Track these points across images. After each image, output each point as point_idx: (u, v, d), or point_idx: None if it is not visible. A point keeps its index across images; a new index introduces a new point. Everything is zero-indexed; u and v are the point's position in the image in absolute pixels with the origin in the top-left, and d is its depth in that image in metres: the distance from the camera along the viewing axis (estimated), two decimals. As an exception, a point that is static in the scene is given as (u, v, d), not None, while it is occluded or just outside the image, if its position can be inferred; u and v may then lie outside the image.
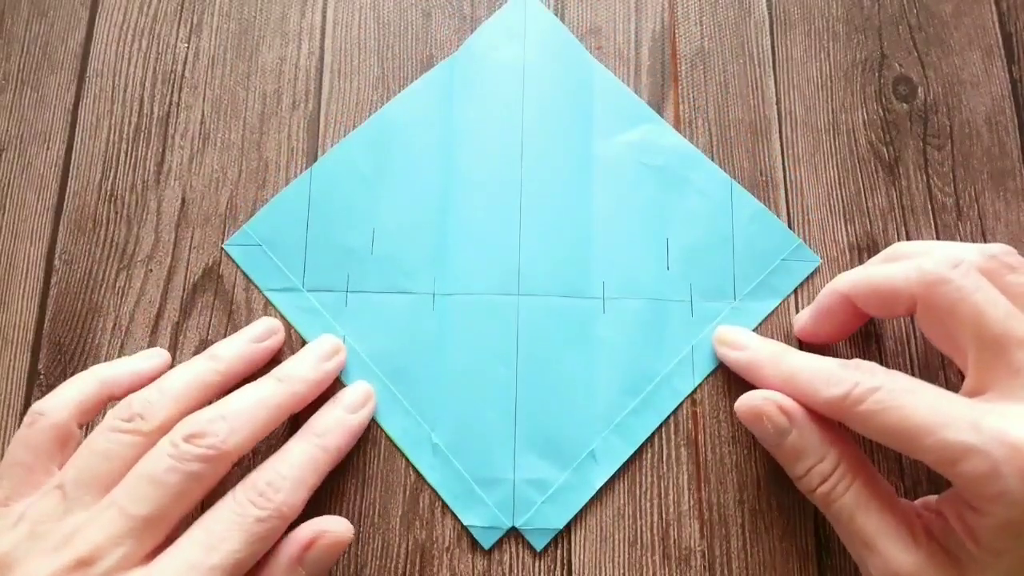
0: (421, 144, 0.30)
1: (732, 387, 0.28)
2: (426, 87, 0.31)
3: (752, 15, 0.32)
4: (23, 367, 0.28)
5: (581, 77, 0.31)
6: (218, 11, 0.32)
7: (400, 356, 0.28)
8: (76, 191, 0.30)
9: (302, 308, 0.28)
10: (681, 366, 0.28)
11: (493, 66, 0.31)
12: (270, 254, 0.29)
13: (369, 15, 0.32)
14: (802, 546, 0.26)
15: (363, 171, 0.30)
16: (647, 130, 0.30)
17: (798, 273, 0.29)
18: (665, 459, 0.27)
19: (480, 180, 0.29)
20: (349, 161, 0.30)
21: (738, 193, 0.30)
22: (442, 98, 0.30)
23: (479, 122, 0.30)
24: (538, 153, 0.30)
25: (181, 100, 0.31)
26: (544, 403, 0.27)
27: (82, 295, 0.29)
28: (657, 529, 0.27)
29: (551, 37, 0.31)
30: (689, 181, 0.30)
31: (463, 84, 0.30)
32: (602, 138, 0.30)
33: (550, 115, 0.30)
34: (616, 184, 0.30)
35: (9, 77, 0.31)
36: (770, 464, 0.27)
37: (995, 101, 0.31)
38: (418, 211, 0.29)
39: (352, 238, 0.29)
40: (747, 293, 0.29)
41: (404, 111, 0.30)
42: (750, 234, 0.29)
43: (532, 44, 0.31)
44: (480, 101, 0.30)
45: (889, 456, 0.27)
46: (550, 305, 0.28)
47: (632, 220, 0.29)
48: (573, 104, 0.30)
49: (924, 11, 0.32)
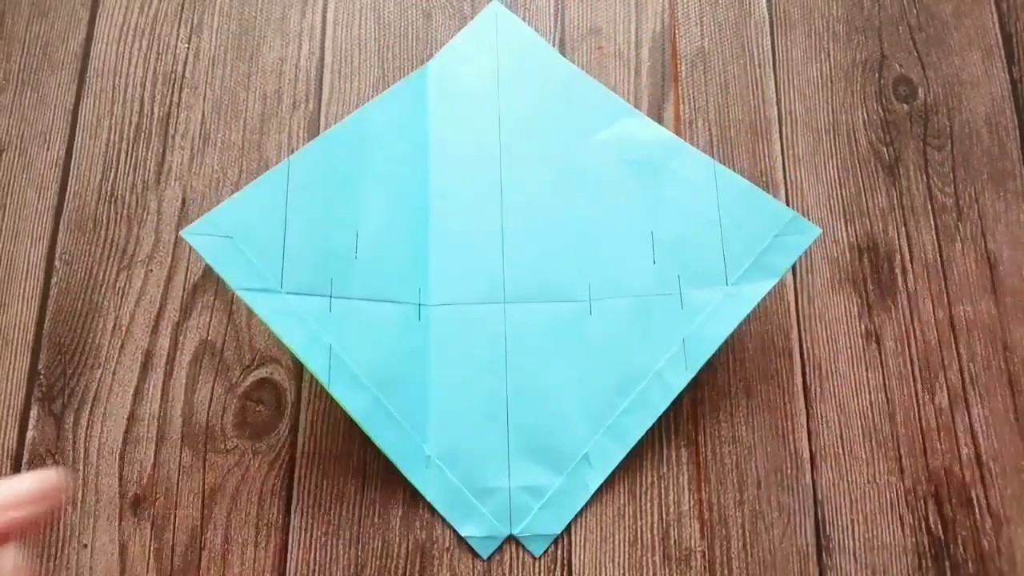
0: (398, 152, 0.30)
1: (732, 387, 0.28)
2: (400, 97, 0.30)
3: (752, 15, 0.32)
4: (23, 367, 0.28)
5: (555, 80, 0.31)
6: (218, 11, 0.32)
7: (388, 367, 0.27)
8: (76, 191, 0.30)
9: (282, 312, 0.26)
10: (673, 361, 0.27)
11: (467, 77, 0.31)
12: (242, 248, 0.26)
13: (369, 15, 0.32)
14: (802, 546, 0.26)
15: (345, 170, 0.28)
16: (624, 125, 0.30)
17: (796, 247, 0.27)
18: (665, 459, 0.27)
19: (459, 188, 0.29)
20: (329, 158, 0.28)
21: (722, 174, 0.28)
22: (417, 108, 0.30)
23: (456, 132, 0.30)
24: (517, 159, 0.30)
25: (181, 100, 0.31)
26: (535, 409, 0.27)
27: (82, 295, 0.29)
28: (657, 529, 0.27)
29: (523, 44, 0.31)
30: (670, 171, 0.29)
31: (438, 96, 0.30)
32: (580, 139, 0.30)
33: (527, 121, 0.30)
34: (597, 184, 0.29)
35: (9, 77, 0.31)
36: (770, 464, 0.27)
37: (995, 101, 0.31)
38: (400, 218, 0.29)
39: (335, 239, 0.27)
40: (740, 276, 0.27)
41: (380, 117, 0.30)
42: (738, 214, 0.28)
43: (505, 53, 0.31)
44: (456, 111, 0.30)
45: (889, 456, 0.27)
46: (536, 311, 0.28)
47: (615, 218, 0.29)
48: (549, 108, 0.30)
49: (924, 11, 0.32)
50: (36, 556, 0.26)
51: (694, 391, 0.28)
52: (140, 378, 0.28)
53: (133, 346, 0.28)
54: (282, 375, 0.28)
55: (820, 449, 0.27)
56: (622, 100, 0.31)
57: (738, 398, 0.28)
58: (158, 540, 0.26)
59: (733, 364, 0.28)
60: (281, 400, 0.28)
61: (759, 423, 0.28)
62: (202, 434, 0.27)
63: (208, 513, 0.27)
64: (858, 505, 0.27)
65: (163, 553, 0.26)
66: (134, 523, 0.27)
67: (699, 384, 0.28)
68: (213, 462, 0.27)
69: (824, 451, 0.27)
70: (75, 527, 0.27)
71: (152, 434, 0.27)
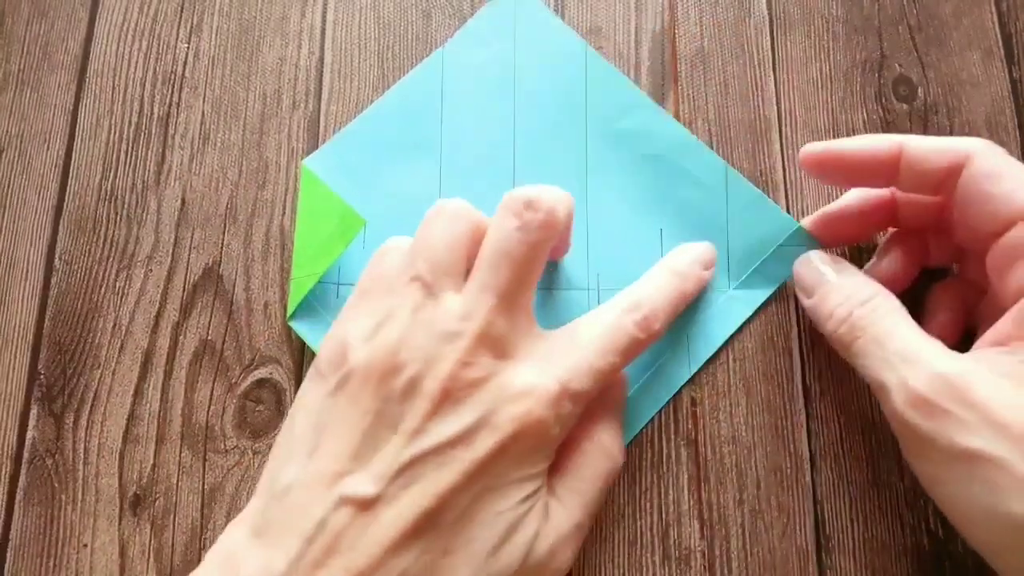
0: (412, 140, 0.30)
1: (732, 387, 0.28)
2: (414, 83, 0.31)
3: (752, 15, 0.32)
4: (23, 367, 0.28)
5: (573, 66, 0.31)
6: (218, 11, 0.32)
7: None
8: (76, 191, 0.30)
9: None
10: (677, 355, 0.28)
11: (483, 61, 0.31)
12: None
13: (369, 15, 0.32)
14: (802, 546, 0.26)
15: (358, 164, 0.30)
16: (642, 118, 0.30)
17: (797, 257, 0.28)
18: (665, 459, 0.27)
19: (473, 175, 0.29)
20: (344, 156, 0.30)
21: (733, 179, 0.29)
22: (432, 94, 0.30)
23: (471, 118, 0.30)
24: (532, 146, 0.30)
25: (181, 100, 0.31)
26: None
27: (82, 295, 0.29)
28: (657, 529, 0.27)
29: (542, 28, 0.31)
30: (684, 170, 0.29)
31: (453, 80, 0.30)
32: (596, 128, 0.30)
33: (543, 108, 0.30)
34: (611, 175, 0.29)
35: (9, 77, 0.31)
36: (770, 464, 0.27)
37: (995, 102, 0.31)
38: (410, 207, 0.29)
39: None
40: (742, 281, 0.28)
41: (394, 108, 0.30)
42: (745, 221, 0.29)
43: (522, 36, 0.31)
44: (471, 96, 0.30)
45: (887, 454, 0.27)
46: (544, 298, 0.28)
47: (626, 211, 0.29)
48: (566, 95, 0.30)
49: (924, 11, 0.32)
50: (35, 556, 0.26)
51: (694, 391, 0.28)
52: (140, 378, 0.28)
53: (133, 346, 0.28)
54: (282, 375, 0.28)
55: (820, 449, 0.27)
56: (641, 92, 0.31)
57: (738, 398, 0.28)
58: (158, 540, 0.27)
59: (733, 364, 0.28)
60: (281, 400, 0.28)
61: (759, 423, 0.28)
62: (202, 434, 0.27)
63: (208, 513, 0.27)
64: (858, 505, 0.27)
65: (163, 553, 0.26)
66: (134, 523, 0.27)
67: (699, 384, 0.28)
68: (213, 462, 0.27)
69: (824, 451, 0.27)
70: (75, 527, 0.27)
71: (152, 434, 0.27)
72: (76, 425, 0.28)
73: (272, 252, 0.29)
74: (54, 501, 0.27)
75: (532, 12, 0.31)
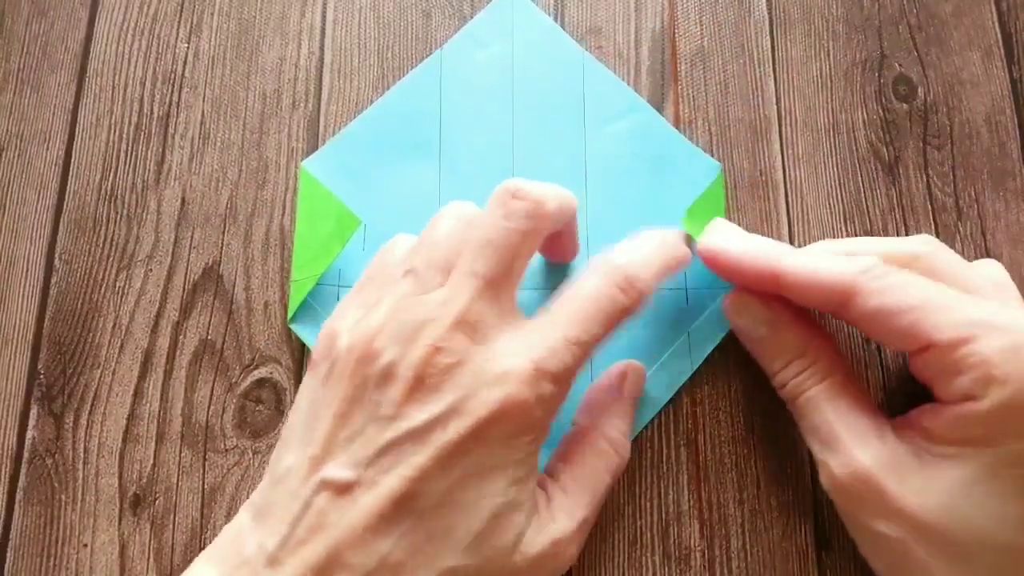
0: (411, 142, 0.30)
1: (732, 387, 0.28)
2: (413, 85, 0.31)
3: (752, 15, 0.32)
4: (23, 367, 0.28)
5: (570, 69, 0.31)
6: (218, 11, 0.32)
7: None
8: (76, 191, 0.30)
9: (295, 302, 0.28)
10: (678, 353, 0.28)
11: (482, 63, 0.31)
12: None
13: (369, 15, 0.32)
14: (802, 546, 0.26)
15: (358, 166, 0.30)
16: (637, 120, 0.30)
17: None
18: (665, 459, 0.27)
19: (472, 176, 0.30)
20: (343, 158, 0.30)
21: (720, 180, 0.29)
22: (431, 96, 0.30)
23: (469, 120, 0.30)
24: (530, 148, 0.30)
25: (181, 100, 0.31)
26: None
27: (82, 295, 0.29)
28: (657, 529, 0.27)
29: (539, 31, 0.31)
30: (678, 171, 0.30)
31: (452, 82, 0.31)
32: (594, 130, 0.30)
33: (541, 110, 0.30)
34: (608, 176, 0.30)
35: (9, 77, 0.31)
36: (770, 464, 0.27)
37: (995, 101, 0.31)
38: (409, 208, 0.29)
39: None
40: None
41: (393, 109, 0.30)
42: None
43: (520, 39, 0.31)
44: (470, 98, 0.30)
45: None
46: (544, 299, 0.28)
47: (624, 212, 0.29)
48: (563, 97, 0.30)
49: (924, 11, 0.32)
50: (35, 556, 0.26)
51: (694, 391, 0.28)
52: (140, 378, 0.28)
53: (133, 346, 0.28)
54: (282, 375, 0.28)
55: (820, 449, 0.27)
56: (636, 94, 0.31)
57: (738, 398, 0.28)
58: (158, 540, 0.27)
59: (733, 364, 0.28)
60: (281, 400, 0.28)
61: (759, 423, 0.28)
62: (202, 434, 0.27)
63: (208, 513, 0.27)
64: (858, 505, 0.27)
65: (163, 553, 0.26)
66: (134, 523, 0.27)
67: (699, 384, 0.28)
68: (213, 462, 0.27)
69: (824, 451, 0.27)
70: (75, 527, 0.27)
71: (152, 434, 0.27)
72: (76, 425, 0.28)
73: (272, 252, 0.29)
74: (54, 501, 0.27)
75: (530, 15, 0.31)
